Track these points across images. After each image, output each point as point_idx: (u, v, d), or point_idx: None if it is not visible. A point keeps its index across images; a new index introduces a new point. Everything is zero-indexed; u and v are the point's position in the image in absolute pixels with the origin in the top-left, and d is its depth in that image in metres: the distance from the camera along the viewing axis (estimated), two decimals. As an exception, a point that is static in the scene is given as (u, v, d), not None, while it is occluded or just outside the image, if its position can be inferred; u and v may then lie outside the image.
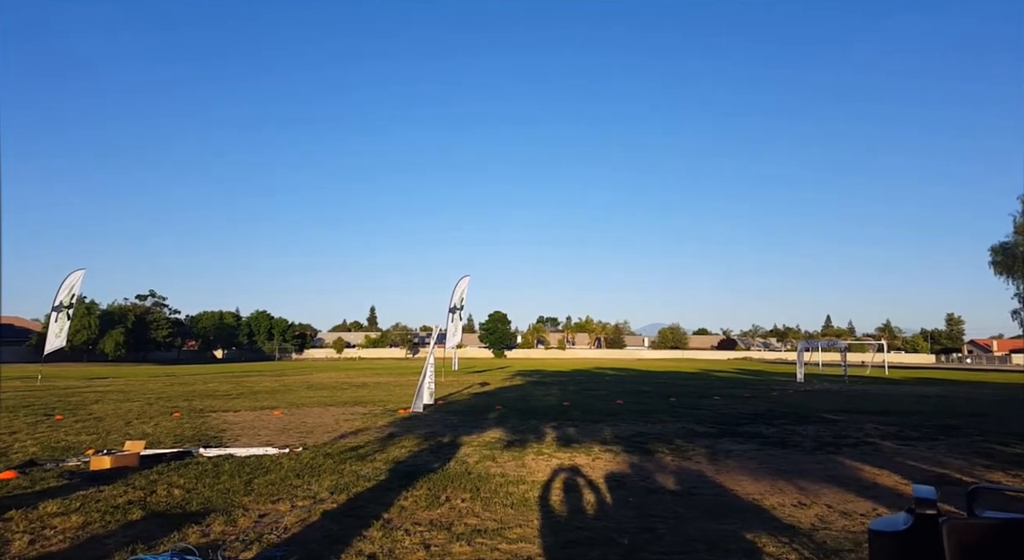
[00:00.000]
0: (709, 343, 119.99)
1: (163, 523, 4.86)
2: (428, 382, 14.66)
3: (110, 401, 16.19)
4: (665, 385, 24.67)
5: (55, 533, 4.58)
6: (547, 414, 13.15)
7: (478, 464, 7.46)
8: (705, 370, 44.34)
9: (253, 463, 7.34)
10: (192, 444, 8.81)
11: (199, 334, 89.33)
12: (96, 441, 9.09)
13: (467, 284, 21.76)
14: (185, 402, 15.94)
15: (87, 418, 12.18)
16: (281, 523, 4.89)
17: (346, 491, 5.97)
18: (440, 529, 4.77)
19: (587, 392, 20.15)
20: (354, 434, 10.07)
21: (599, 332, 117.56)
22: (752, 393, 20.48)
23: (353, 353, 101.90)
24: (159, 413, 13.17)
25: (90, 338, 68.21)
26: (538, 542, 4.49)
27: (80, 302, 65.57)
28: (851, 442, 9.52)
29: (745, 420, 12.42)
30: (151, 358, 75.75)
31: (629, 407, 14.83)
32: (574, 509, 5.48)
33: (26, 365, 48.20)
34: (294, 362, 75.33)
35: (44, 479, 6.42)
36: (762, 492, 6.18)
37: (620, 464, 7.58)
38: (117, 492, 5.84)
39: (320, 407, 14.75)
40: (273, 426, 11.18)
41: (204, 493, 5.85)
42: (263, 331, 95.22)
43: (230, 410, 13.99)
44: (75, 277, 24.93)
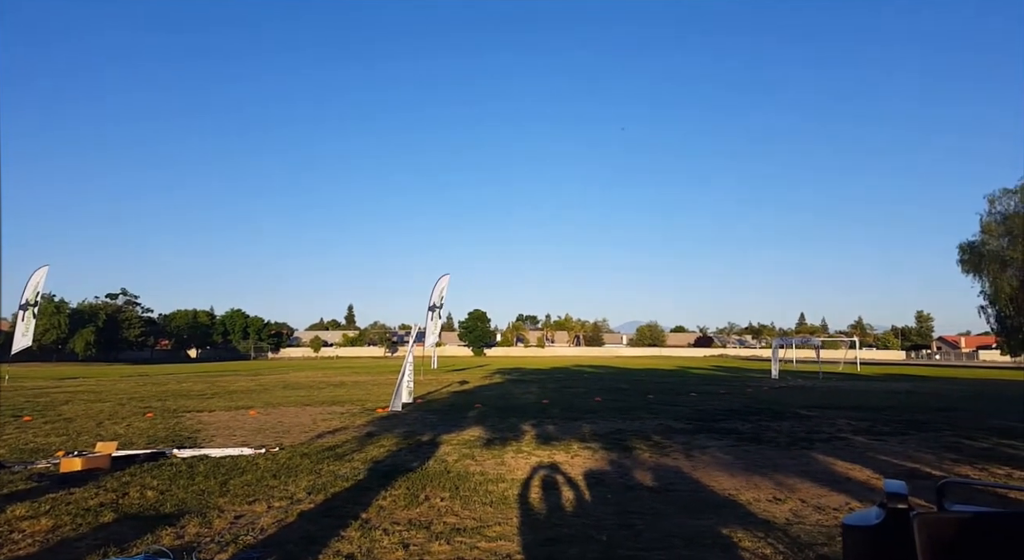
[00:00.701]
0: (686, 341, 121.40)
1: (136, 525, 4.77)
2: (407, 381, 14.60)
3: (81, 402, 15.83)
4: (643, 382, 24.90)
5: (24, 537, 4.48)
6: (526, 412, 13.19)
7: (457, 463, 7.45)
8: (682, 367, 44.85)
9: (228, 464, 7.24)
10: (166, 445, 8.66)
11: (172, 333, 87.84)
12: (66, 443, 8.89)
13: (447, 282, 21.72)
14: (158, 402, 15.65)
15: (57, 419, 11.90)
16: (257, 524, 4.83)
17: (324, 491, 5.92)
18: (419, 528, 4.76)
19: (566, 390, 20.24)
20: (332, 434, 9.98)
21: (578, 330, 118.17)
22: (728, 390, 20.77)
23: (331, 352, 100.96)
24: (131, 414, 12.91)
25: (59, 337, 66.69)
26: (517, 540, 4.50)
27: (48, 300, 64.22)
28: (824, 437, 9.71)
29: (721, 416, 12.59)
30: (123, 358, 74.19)
31: (607, 404, 14.94)
32: (553, 507, 5.50)
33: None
34: (270, 361, 74.40)
35: (12, 482, 6.27)
36: (738, 487, 6.28)
37: (599, 461, 7.63)
38: (88, 494, 5.72)
39: (297, 407, 14.59)
40: (249, 426, 11.03)
41: (178, 494, 5.76)
42: (238, 330, 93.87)
43: (204, 410, 13.76)
44: (40, 274, 24.31)
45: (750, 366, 49.20)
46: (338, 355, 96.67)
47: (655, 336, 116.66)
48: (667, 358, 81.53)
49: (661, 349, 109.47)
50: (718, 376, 31.50)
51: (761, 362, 57.76)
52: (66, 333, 67.65)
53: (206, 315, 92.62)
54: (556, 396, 17.52)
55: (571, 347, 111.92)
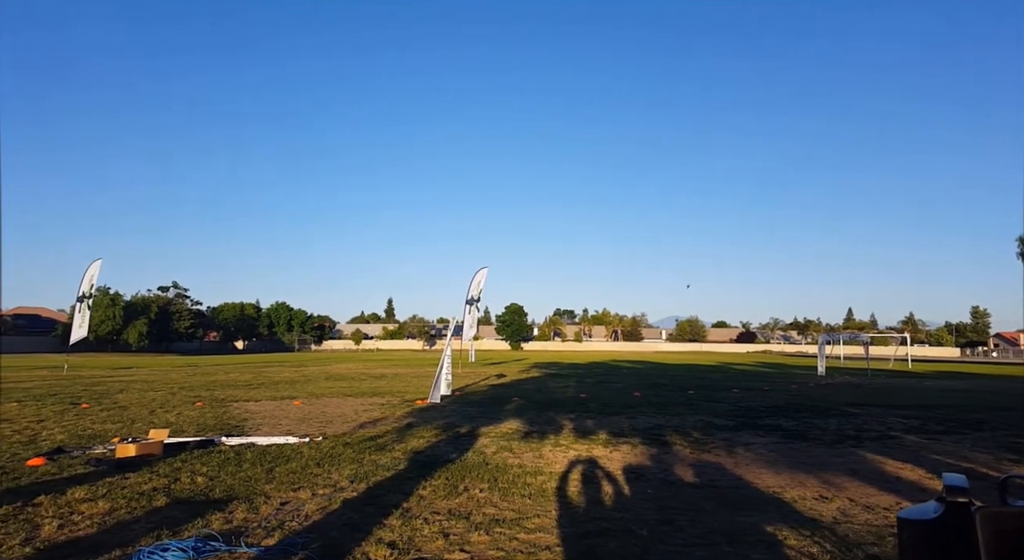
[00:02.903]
0: (728, 336, 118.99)
1: (187, 510, 4.94)
2: (445, 373, 14.73)
3: (134, 391, 16.50)
4: (683, 378, 24.54)
5: (83, 518, 4.68)
6: (564, 406, 13.15)
7: (496, 455, 7.48)
8: (724, 363, 44.03)
9: (274, 452, 7.44)
10: (214, 433, 8.95)
11: (220, 325, 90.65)
12: (121, 429, 9.27)
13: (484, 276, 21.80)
14: (207, 392, 16.20)
15: (112, 407, 12.43)
16: (302, 511, 4.94)
17: (366, 480, 6.03)
18: (459, 518, 4.80)
19: (604, 384, 20.11)
20: (373, 424, 10.16)
21: (616, 325, 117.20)
22: (772, 386, 20.30)
23: (371, 344, 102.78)
24: (182, 402, 13.40)
25: (114, 329, 69.50)
26: (556, 532, 4.49)
27: (104, 293, 67.06)
28: (874, 436, 9.39)
29: (765, 413, 12.31)
30: (173, 349, 77.12)
31: (647, 399, 14.78)
32: (592, 500, 5.47)
33: (53, 355, 49.39)
34: (313, 353, 76.22)
35: (72, 466, 6.57)
36: (782, 485, 6.13)
37: (638, 456, 7.55)
38: (142, 479, 5.96)
39: (339, 397, 14.90)
40: (293, 416, 11.32)
41: (226, 481, 5.94)
42: (283, 322, 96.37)
43: (251, 400, 14.19)
44: (94, 268, 25.35)
45: (795, 363, 47.97)
46: (378, 348, 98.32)
47: (695, 331, 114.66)
48: (708, 354, 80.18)
49: (702, 344, 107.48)
50: (761, 372, 30.82)
51: (806, 359, 56.35)
52: (120, 325, 70.42)
53: (252, 308, 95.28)
54: (594, 391, 17.43)
55: (609, 342, 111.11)
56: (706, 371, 31.07)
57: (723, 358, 58.78)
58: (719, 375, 27.29)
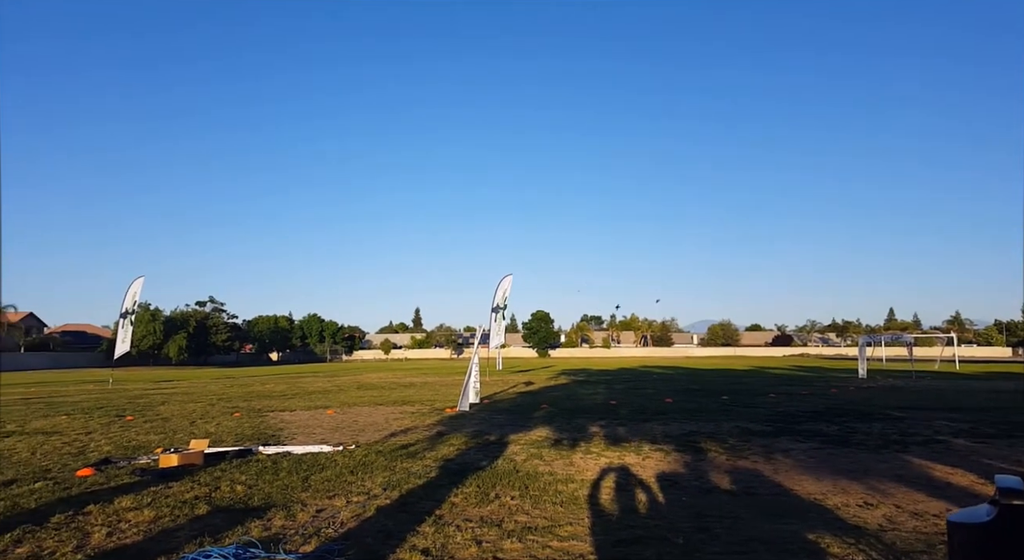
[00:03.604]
0: (763, 339, 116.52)
1: (227, 517, 5.04)
2: (473, 381, 14.77)
3: (175, 402, 16.94)
4: (716, 383, 24.10)
5: (130, 526, 4.81)
6: (594, 413, 13.05)
7: (526, 462, 7.45)
8: (759, 367, 43.12)
9: (309, 460, 7.55)
10: (252, 442, 9.13)
11: (255, 338, 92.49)
12: (164, 440, 9.52)
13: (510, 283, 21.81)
14: (244, 402, 16.54)
15: (155, 418, 12.77)
16: (337, 518, 5.00)
17: (398, 488, 6.07)
18: (491, 526, 4.79)
19: (634, 391, 19.88)
20: (404, 432, 10.23)
21: (645, 330, 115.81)
22: (810, 390, 19.80)
23: (400, 354, 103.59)
24: (221, 413, 13.70)
25: (155, 343, 71.46)
26: (589, 540, 4.45)
27: (144, 309, 69.07)
28: (920, 440, 9.08)
29: (803, 418, 12.01)
30: (212, 361, 78.93)
31: (679, 405, 14.56)
32: (625, 508, 5.41)
33: (98, 369, 51.10)
34: (344, 363, 77.23)
35: (118, 476, 6.75)
36: (824, 492, 5.96)
37: (672, 463, 7.44)
38: (184, 488, 6.10)
39: (370, 406, 15.05)
40: (327, 424, 11.47)
41: (265, 489, 6.05)
42: (315, 334, 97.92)
43: (286, 409, 14.44)
44: (137, 285, 26.18)
45: (834, 366, 46.73)
46: (407, 357, 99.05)
47: (728, 335, 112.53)
48: (742, 358, 78.65)
49: (735, 349, 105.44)
50: (799, 376, 30.10)
51: (846, 361, 54.86)
52: (161, 339, 72.39)
53: (285, 320, 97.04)
54: (624, 397, 17.24)
55: (638, 347, 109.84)
56: (740, 376, 30.48)
57: (758, 362, 57.55)
58: (754, 380, 26.73)
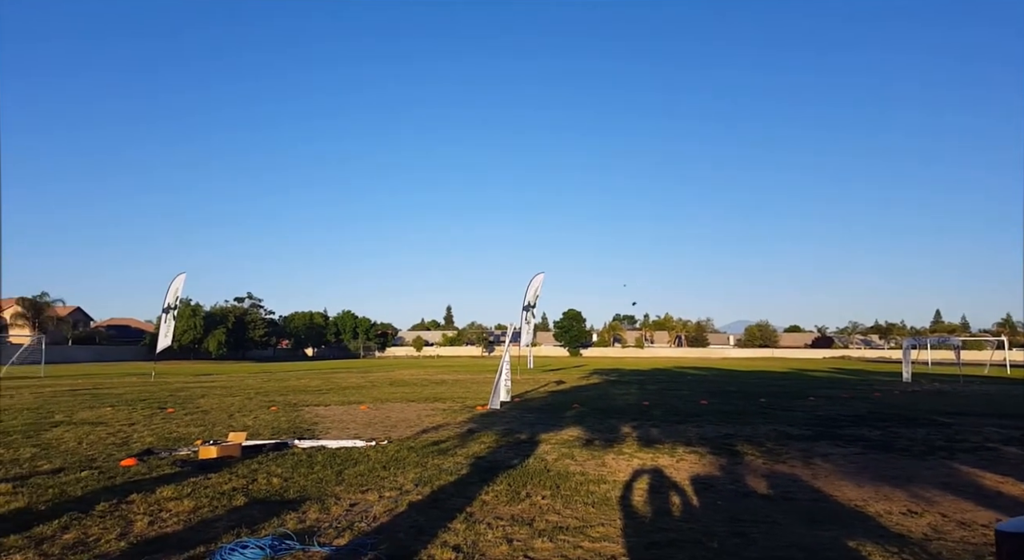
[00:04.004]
0: (802, 341, 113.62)
1: (264, 509, 5.14)
2: (504, 380, 14.77)
3: (215, 396, 17.39)
4: (754, 385, 23.62)
5: (171, 516, 4.95)
6: (626, 413, 12.91)
7: (557, 462, 7.41)
8: (798, 370, 42.11)
9: (343, 455, 7.66)
10: (288, 436, 9.30)
11: (291, 333, 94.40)
12: (203, 432, 9.78)
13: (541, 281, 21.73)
14: (281, 397, 16.89)
15: (195, 411, 13.13)
16: (370, 512, 5.05)
17: (430, 484, 6.11)
18: (522, 525, 4.77)
19: (668, 392, 19.63)
20: (435, 429, 10.29)
21: (679, 330, 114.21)
22: (852, 393, 19.24)
23: (431, 351, 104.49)
24: (258, 407, 14.01)
25: (196, 338, 73.48)
26: (621, 542, 4.40)
27: (185, 304, 71.06)
28: (968, 447, 8.73)
29: (844, 422, 11.67)
30: (249, 356, 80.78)
31: (714, 407, 14.30)
32: (658, 510, 5.33)
33: (141, 363, 52.78)
34: (377, 359, 78.26)
35: (160, 466, 6.96)
36: (865, 498, 5.78)
37: (706, 466, 7.31)
38: (223, 479, 6.24)
39: (402, 403, 15.20)
40: (360, 420, 11.63)
41: (300, 482, 6.16)
42: (348, 330, 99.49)
43: (321, 404, 14.69)
44: (178, 281, 26.90)
45: (877, 369, 45.37)
46: (438, 354, 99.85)
47: (766, 336, 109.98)
48: (780, 360, 76.93)
49: (773, 350, 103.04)
50: (840, 379, 29.30)
51: (889, 364, 53.19)
52: (201, 334, 74.41)
53: (320, 316, 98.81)
54: (657, 398, 17.04)
55: (672, 348, 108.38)
56: (778, 378, 29.82)
57: (797, 364, 56.18)
58: (793, 382, 26.12)
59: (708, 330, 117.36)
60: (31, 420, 11.23)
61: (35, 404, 14.47)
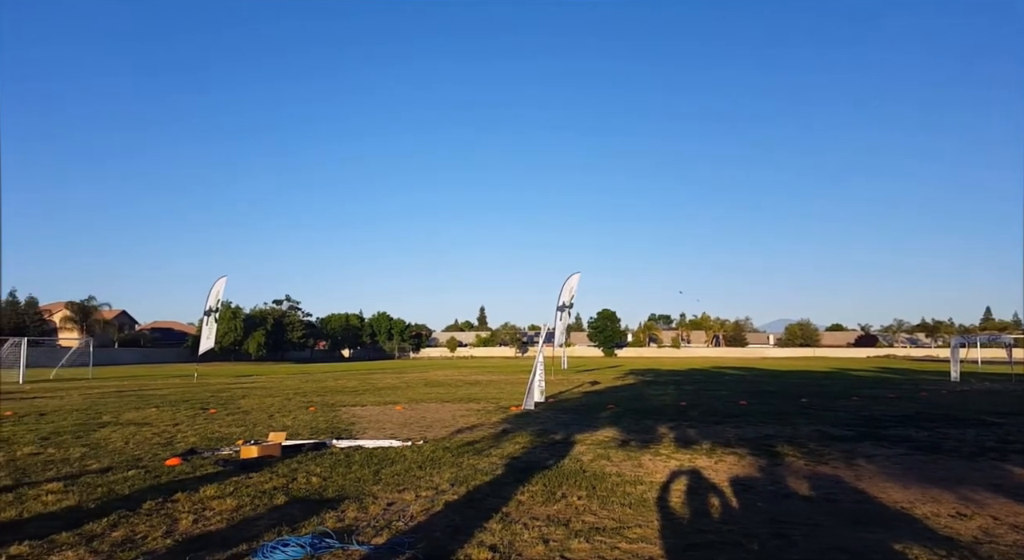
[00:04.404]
0: (845, 340, 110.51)
1: (304, 508, 5.25)
2: (538, 380, 14.76)
3: (255, 396, 17.82)
4: (794, 385, 23.08)
5: (214, 514, 5.09)
6: (663, 414, 12.77)
7: (592, 462, 7.38)
8: (841, 369, 40.97)
9: (380, 454, 7.76)
10: (326, 436, 9.47)
11: (328, 335, 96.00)
12: (244, 432, 10.04)
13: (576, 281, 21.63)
14: (319, 397, 17.21)
15: (236, 411, 13.48)
16: (407, 512, 5.11)
17: (465, 484, 6.14)
18: (558, 525, 4.77)
19: (706, 392, 19.33)
20: (470, 429, 10.35)
21: (717, 329, 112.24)
22: (897, 393, 18.65)
23: (465, 352, 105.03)
24: (297, 407, 14.31)
25: (236, 340, 75.31)
26: (659, 543, 4.35)
27: (226, 307, 72.94)
28: (1021, 448, 8.37)
29: (890, 422, 11.32)
30: (288, 357, 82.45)
31: (754, 408, 14.03)
32: (696, 512, 5.26)
33: (184, 365, 54.33)
34: (412, 360, 79.03)
35: (203, 466, 7.16)
36: (912, 500, 5.59)
37: (746, 467, 7.18)
38: (264, 478, 6.40)
39: (437, 403, 15.32)
40: (396, 420, 11.77)
41: (338, 481, 6.27)
42: (384, 331, 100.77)
43: (358, 405, 14.92)
44: (220, 284, 27.63)
45: (923, 368, 43.84)
46: (472, 355, 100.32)
47: (807, 335, 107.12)
48: (822, 359, 74.96)
49: (815, 349, 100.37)
50: (884, 378, 28.42)
51: (936, 363, 51.38)
52: (241, 336, 76.21)
53: (356, 318, 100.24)
54: (695, 398, 16.80)
55: (709, 347, 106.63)
56: (820, 378, 29.07)
57: (839, 364, 54.64)
58: (835, 382, 25.43)
59: (747, 329, 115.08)
60: (80, 420, 11.68)
61: (84, 405, 15.05)
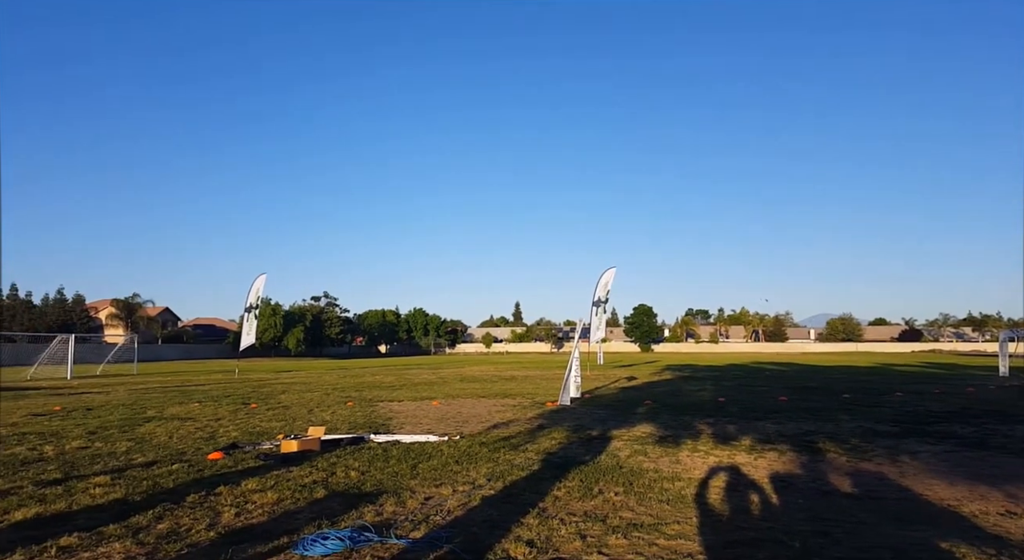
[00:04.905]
0: (888, 334, 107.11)
1: (343, 501, 5.36)
2: (574, 376, 14.72)
3: (294, 392, 18.23)
4: (836, 380, 22.50)
5: (255, 507, 5.22)
6: (701, 410, 12.60)
7: (630, 458, 7.34)
8: (884, 364, 39.76)
9: (417, 449, 7.87)
10: (364, 430, 9.64)
11: (365, 331, 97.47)
12: (284, 427, 10.28)
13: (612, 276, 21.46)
14: (356, 392, 17.51)
15: (276, 406, 13.82)
16: (445, 506, 5.17)
17: (502, 479, 6.18)
18: (595, 521, 4.76)
19: (745, 388, 19.00)
20: (506, 425, 10.40)
21: (756, 324, 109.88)
22: (943, 389, 18.02)
23: (500, 348, 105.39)
24: (335, 402, 14.59)
25: (276, 336, 77.06)
26: (698, 540, 4.31)
27: (266, 303, 74.71)
28: (1079, 447, 8.01)
29: (935, 418, 10.95)
30: (326, 353, 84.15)
31: (794, 404, 13.73)
32: (736, 508, 5.19)
33: (226, 360, 55.97)
34: (447, 356, 79.74)
35: (244, 460, 7.34)
36: (959, 498, 5.42)
37: (786, 464, 7.04)
38: (304, 472, 6.54)
39: (473, 398, 15.44)
40: (432, 415, 11.91)
41: (376, 475, 6.38)
42: (419, 327, 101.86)
43: (395, 400, 15.13)
44: (260, 281, 28.29)
45: (970, 362, 42.22)
46: (507, 350, 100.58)
47: (849, 330, 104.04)
48: (865, 354, 72.85)
49: (857, 344, 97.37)
50: (930, 373, 27.49)
51: (984, 358, 49.43)
52: (281, 332, 77.91)
53: (392, 314, 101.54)
54: (733, 394, 16.53)
55: (748, 343, 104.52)
56: (863, 373, 28.27)
57: (883, 359, 53.01)
58: (879, 377, 24.70)
59: (787, 324, 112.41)
60: (126, 415, 12.11)
61: (129, 400, 15.61)
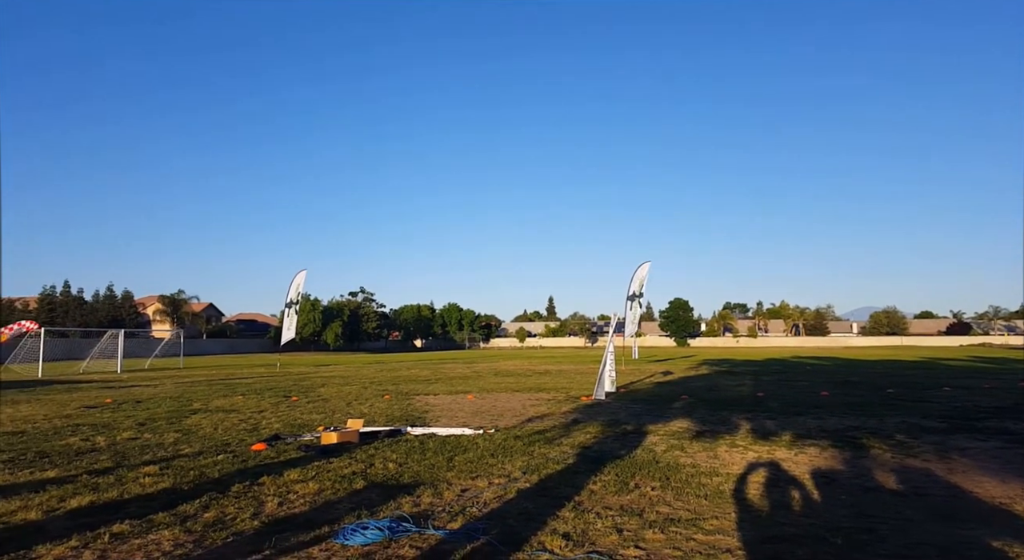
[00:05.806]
0: (935, 328, 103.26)
1: (381, 492, 5.47)
2: (609, 370, 14.64)
3: (333, 385, 18.60)
4: (880, 375, 21.81)
5: (297, 497, 5.36)
6: (739, 405, 12.39)
7: (666, 453, 7.27)
8: (931, 358, 38.33)
9: (453, 442, 7.95)
10: (401, 423, 9.79)
11: (401, 325, 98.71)
12: (324, 419, 10.51)
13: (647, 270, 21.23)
14: (393, 386, 17.77)
15: (316, 399, 14.13)
16: (481, 498, 5.23)
17: (537, 472, 6.20)
18: (631, 515, 4.74)
19: (785, 382, 18.59)
20: (540, 419, 10.42)
21: (796, 318, 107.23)
22: (993, 384, 17.30)
23: (534, 342, 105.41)
24: (373, 396, 14.84)
25: (315, 330, 78.68)
26: (737, 535, 4.26)
27: (305, 299, 76.27)
28: None
29: (985, 414, 10.54)
30: (363, 347, 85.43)
31: (836, 399, 13.38)
32: (776, 504, 5.10)
33: (267, 354, 57.49)
34: (482, 350, 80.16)
35: (286, 451, 7.54)
36: (1011, 496, 5.21)
37: (828, 459, 6.88)
38: (343, 464, 6.69)
39: (507, 392, 15.50)
40: (467, 409, 12.01)
41: (413, 467, 6.48)
42: (454, 322, 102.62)
43: (430, 393, 15.31)
44: (300, 277, 28.88)
45: (1022, 356, 40.43)
46: (541, 345, 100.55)
47: (894, 323, 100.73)
48: (910, 348, 70.37)
49: (902, 338, 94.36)
50: (979, 368, 26.42)
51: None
52: (320, 327, 79.54)
53: (428, 309, 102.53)
54: (773, 389, 16.20)
55: (788, 337, 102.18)
56: (908, 368, 27.34)
57: (929, 353, 51.10)
58: (925, 372, 23.84)
59: (828, 318, 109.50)
60: (173, 408, 12.53)
61: (176, 393, 16.14)
